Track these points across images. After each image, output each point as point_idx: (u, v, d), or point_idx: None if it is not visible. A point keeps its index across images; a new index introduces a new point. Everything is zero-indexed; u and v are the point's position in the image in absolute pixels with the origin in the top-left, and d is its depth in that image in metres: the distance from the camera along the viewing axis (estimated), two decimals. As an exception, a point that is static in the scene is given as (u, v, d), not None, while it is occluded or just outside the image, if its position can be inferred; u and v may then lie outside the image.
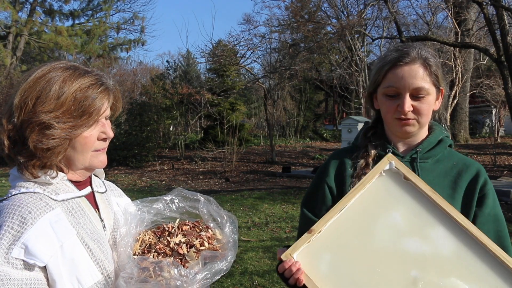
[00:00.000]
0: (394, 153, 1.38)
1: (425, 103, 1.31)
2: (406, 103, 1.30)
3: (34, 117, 1.04)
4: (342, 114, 24.66)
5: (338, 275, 1.14)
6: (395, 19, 10.72)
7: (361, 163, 1.37)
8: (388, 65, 1.33)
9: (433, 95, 1.33)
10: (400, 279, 1.12)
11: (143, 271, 1.03)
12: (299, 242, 1.19)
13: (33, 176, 1.06)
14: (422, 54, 1.32)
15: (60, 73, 1.08)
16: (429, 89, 1.31)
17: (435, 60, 1.34)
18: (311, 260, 1.17)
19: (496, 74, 16.94)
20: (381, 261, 1.14)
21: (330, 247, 1.18)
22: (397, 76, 1.31)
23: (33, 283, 0.98)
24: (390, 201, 1.22)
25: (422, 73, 1.30)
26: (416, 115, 1.32)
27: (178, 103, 18.53)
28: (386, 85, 1.33)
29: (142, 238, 1.13)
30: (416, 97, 1.31)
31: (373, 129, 1.46)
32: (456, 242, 1.14)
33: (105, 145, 1.16)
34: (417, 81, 1.29)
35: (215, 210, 1.19)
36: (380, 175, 1.26)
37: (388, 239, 1.17)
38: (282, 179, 11.76)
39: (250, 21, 19.25)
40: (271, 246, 5.58)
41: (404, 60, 1.31)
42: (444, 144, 1.41)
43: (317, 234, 1.19)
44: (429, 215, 1.19)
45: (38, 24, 18.99)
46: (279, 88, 19.74)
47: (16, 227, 0.98)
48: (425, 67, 1.31)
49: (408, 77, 1.30)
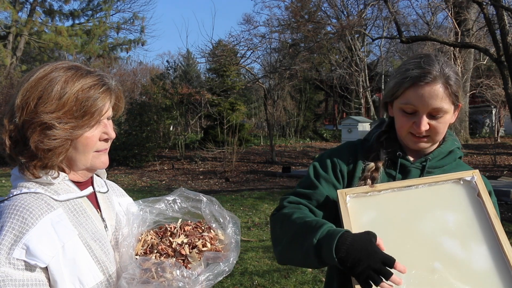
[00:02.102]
0: (404, 158, 1.38)
1: (442, 122, 1.30)
2: (423, 123, 1.28)
3: (35, 117, 1.03)
4: (342, 114, 24.66)
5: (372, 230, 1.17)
6: (395, 19, 10.72)
7: (370, 166, 1.37)
8: (408, 83, 1.29)
9: (450, 113, 1.31)
10: (422, 262, 1.17)
11: (145, 272, 1.03)
12: (358, 188, 1.29)
13: (34, 176, 1.06)
14: (445, 73, 1.28)
15: (62, 73, 1.07)
16: (448, 108, 1.29)
17: (456, 78, 1.30)
18: (359, 208, 1.25)
19: (496, 74, 16.93)
20: (415, 241, 1.20)
21: (380, 209, 1.26)
22: (416, 95, 1.27)
23: (35, 283, 0.98)
24: (453, 204, 1.27)
25: (442, 94, 1.27)
26: (431, 133, 1.31)
27: (178, 103, 18.52)
28: (404, 102, 1.30)
29: (144, 238, 1.13)
30: (433, 116, 1.29)
31: (386, 133, 1.44)
32: (491, 264, 1.18)
33: (107, 146, 1.16)
34: (437, 102, 1.26)
35: (217, 210, 1.18)
36: (457, 182, 1.30)
37: (432, 229, 1.22)
38: (282, 179, 11.76)
39: (250, 21, 19.24)
40: (271, 246, 5.57)
41: (425, 80, 1.26)
42: (453, 156, 1.40)
43: (377, 191, 1.28)
44: (481, 232, 1.22)
45: (38, 24, 19.00)
46: (279, 88, 19.73)
47: (17, 228, 0.98)
48: (445, 87, 1.27)
49: (428, 98, 1.26)
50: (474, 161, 13.00)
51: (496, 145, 15.13)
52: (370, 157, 1.39)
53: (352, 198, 1.27)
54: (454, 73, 1.31)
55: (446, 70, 1.29)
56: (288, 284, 4.28)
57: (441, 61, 1.31)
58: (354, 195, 1.27)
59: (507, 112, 16.90)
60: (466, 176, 1.30)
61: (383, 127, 1.46)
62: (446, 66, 1.29)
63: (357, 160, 1.41)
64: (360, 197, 1.28)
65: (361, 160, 1.41)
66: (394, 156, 1.38)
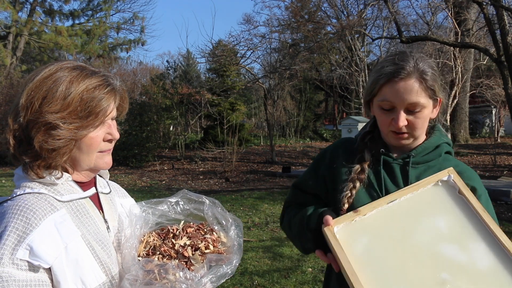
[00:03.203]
0: (386, 155, 1.38)
1: (420, 117, 1.31)
2: (401, 118, 1.29)
3: (40, 117, 1.03)
4: (342, 114, 24.66)
5: (370, 258, 1.16)
6: (395, 19, 10.72)
7: (356, 168, 1.38)
8: (383, 79, 1.31)
9: (429, 108, 1.32)
10: (429, 276, 1.13)
11: (148, 273, 1.03)
12: (343, 218, 1.24)
13: (38, 176, 1.06)
14: (419, 68, 1.29)
15: (67, 73, 1.07)
16: (425, 103, 1.30)
17: (432, 72, 1.31)
18: (349, 238, 1.21)
19: (496, 74, 16.94)
20: (415, 257, 1.17)
21: (371, 232, 1.21)
22: (392, 91, 1.29)
23: (38, 284, 0.98)
24: (439, 208, 1.25)
25: (418, 88, 1.28)
26: (410, 129, 1.32)
27: (178, 103, 18.51)
28: (381, 99, 1.32)
29: (147, 240, 1.13)
30: (411, 111, 1.30)
31: (371, 133, 1.46)
32: (494, 259, 1.16)
33: (110, 146, 1.15)
34: (412, 97, 1.28)
35: (220, 212, 1.18)
36: (436, 184, 1.29)
37: (428, 240, 1.19)
38: (282, 179, 11.76)
39: (250, 21, 19.29)
40: (271, 246, 5.58)
41: (399, 75, 1.28)
42: (439, 151, 1.39)
43: (362, 216, 1.23)
44: (474, 229, 1.21)
45: (38, 24, 18.99)
46: (279, 88, 19.73)
47: (21, 228, 0.98)
48: (420, 81, 1.28)
49: (403, 93, 1.28)
50: (474, 161, 13.01)
51: (496, 145, 15.13)
52: (356, 159, 1.40)
53: (340, 229, 1.22)
54: (430, 68, 1.31)
55: (420, 64, 1.30)
56: (288, 284, 4.28)
57: (416, 56, 1.33)
58: (341, 226, 1.23)
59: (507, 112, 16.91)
60: (442, 177, 1.29)
61: (367, 128, 1.48)
62: (420, 61, 1.31)
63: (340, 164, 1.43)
64: (347, 225, 1.23)
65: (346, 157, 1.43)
66: (378, 154, 1.39)
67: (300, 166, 13.77)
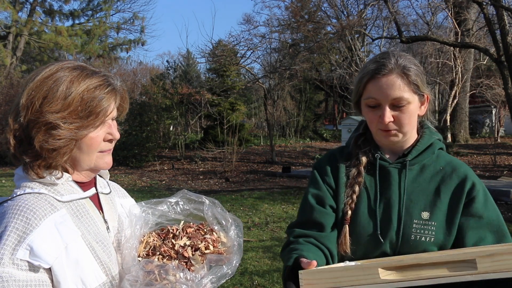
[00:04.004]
0: (382, 159, 1.39)
1: (406, 112, 1.32)
2: (386, 114, 1.31)
3: (40, 117, 1.03)
4: (342, 114, 24.67)
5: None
6: (395, 19, 10.72)
7: (353, 172, 1.39)
8: (366, 77, 1.34)
9: (414, 103, 1.34)
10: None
11: (148, 274, 1.02)
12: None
13: (38, 176, 1.06)
14: (400, 63, 1.32)
15: (67, 73, 1.07)
16: (409, 98, 1.31)
17: (415, 68, 1.33)
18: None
19: (496, 74, 16.93)
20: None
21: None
22: (375, 87, 1.32)
23: (38, 284, 0.98)
24: None
25: (400, 83, 1.30)
26: (397, 125, 1.33)
27: (178, 103, 18.52)
28: (366, 97, 1.35)
29: (146, 240, 1.13)
30: (396, 106, 1.31)
31: (363, 136, 1.46)
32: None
33: (111, 147, 1.15)
34: (395, 92, 1.30)
35: (220, 213, 1.18)
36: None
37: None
38: (282, 179, 11.76)
39: (250, 21, 19.24)
40: (271, 246, 5.58)
41: (381, 72, 1.31)
42: (432, 149, 1.40)
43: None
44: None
45: (38, 24, 19.00)
46: (279, 88, 19.74)
47: (21, 228, 0.98)
48: (402, 76, 1.31)
49: (386, 88, 1.30)
50: (474, 161, 13.01)
51: (496, 145, 15.13)
52: (352, 163, 1.41)
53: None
54: (412, 64, 1.34)
55: (401, 60, 1.33)
56: (289, 284, 4.28)
57: (397, 54, 1.36)
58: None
59: (507, 112, 16.91)
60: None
61: (360, 130, 1.49)
62: (401, 58, 1.34)
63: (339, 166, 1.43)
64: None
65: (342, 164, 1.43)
66: (373, 158, 1.40)
67: (300, 166, 13.77)
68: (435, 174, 1.37)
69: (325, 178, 1.43)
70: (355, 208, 1.36)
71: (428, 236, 1.30)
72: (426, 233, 1.30)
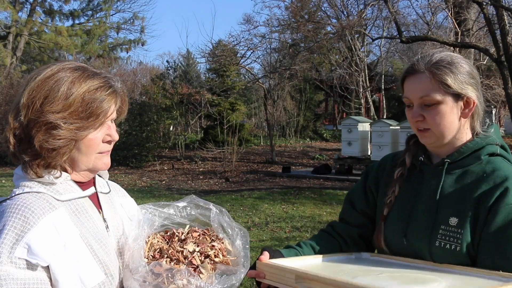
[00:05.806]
0: (423, 162, 1.38)
1: (437, 113, 1.27)
2: (414, 113, 1.31)
3: (41, 116, 1.04)
4: (342, 114, 24.64)
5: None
6: (395, 19, 10.72)
7: (397, 172, 1.41)
8: (401, 78, 1.37)
9: (447, 104, 1.27)
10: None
11: (157, 276, 1.02)
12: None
13: (37, 175, 1.06)
14: (432, 60, 1.29)
15: (69, 74, 1.08)
16: (440, 99, 1.27)
17: (447, 66, 1.27)
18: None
19: (496, 74, 16.92)
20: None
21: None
22: (407, 86, 1.34)
23: (36, 282, 0.98)
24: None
25: (427, 82, 1.27)
26: (430, 126, 1.30)
27: (178, 103, 18.50)
28: (403, 96, 1.37)
29: (151, 241, 1.13)
30: (426, 106, 1.29)
31: (415, 137, 1.43)
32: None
33: (109, 148, 1.16)
34: (421, 91, 1.29)
35: (226, 221, 1.17)
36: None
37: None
38: (282, 179, 11.76)
39: (250, 21, 19.21)
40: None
41: (412, 71, 1.32)
42: (478, 154, 1.29)
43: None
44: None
45: (38, 24, 19.01)
46: (279, 88, 19.73)
47: (19, 227, 0.98)
48: (431, 75, 1.27)
49: (414, 86, 1.31)
50: (474, 161, 12.99)
51: (496, 145, 15.08)
52: (399, 162, 1.43)
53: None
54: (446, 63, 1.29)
55: (434, 57, 1.31)
56: (288, 284, 4.28)
57: (431, 53, 1.34)
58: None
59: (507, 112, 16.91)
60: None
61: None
62: (435, 56, 1.32)
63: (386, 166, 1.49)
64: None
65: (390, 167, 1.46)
66: (416, 160, 1.40)
67: (300, 166, 13.77)
68: (476, 180, 1.26)
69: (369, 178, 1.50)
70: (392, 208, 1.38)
71: (454, 244, 1.23)
72: (452, 240, 1.23)
